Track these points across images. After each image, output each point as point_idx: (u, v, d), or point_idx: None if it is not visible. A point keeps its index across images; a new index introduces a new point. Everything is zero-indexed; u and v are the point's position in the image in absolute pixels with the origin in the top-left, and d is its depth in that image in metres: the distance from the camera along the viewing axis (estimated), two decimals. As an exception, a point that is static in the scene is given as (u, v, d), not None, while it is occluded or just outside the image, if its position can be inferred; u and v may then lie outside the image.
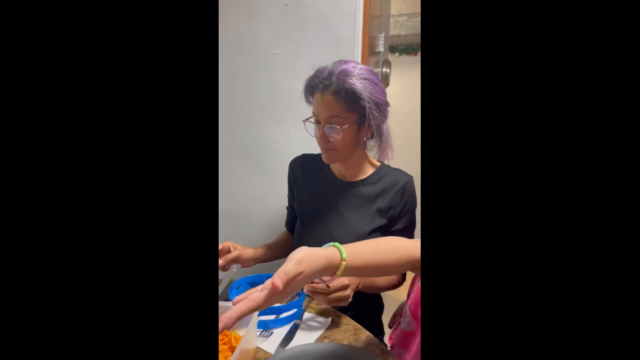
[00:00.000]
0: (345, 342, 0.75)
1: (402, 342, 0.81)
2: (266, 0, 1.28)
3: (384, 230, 0.99)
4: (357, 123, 0.91)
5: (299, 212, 1.07)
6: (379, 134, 0.97)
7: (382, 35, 1.58)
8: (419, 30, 2.75)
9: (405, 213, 1.00)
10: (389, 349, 0.84)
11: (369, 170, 1.02)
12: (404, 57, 2.97)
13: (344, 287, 0.82)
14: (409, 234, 1.03)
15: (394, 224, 1.00)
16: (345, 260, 0.54)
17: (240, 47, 1.33)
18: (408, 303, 0.81)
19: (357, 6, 1.21)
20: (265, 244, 1.12)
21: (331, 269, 0.54)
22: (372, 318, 1.06)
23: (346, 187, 1.01)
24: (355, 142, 0.95)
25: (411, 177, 1.02)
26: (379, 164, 1.04)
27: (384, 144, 0.99)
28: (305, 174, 1.07)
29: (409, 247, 0.60)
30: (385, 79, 1.72)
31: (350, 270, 0.56)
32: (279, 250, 1.13)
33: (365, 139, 0.98)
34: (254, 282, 1.01)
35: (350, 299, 0.82)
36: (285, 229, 1.19)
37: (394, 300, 1.16)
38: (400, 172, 1.03)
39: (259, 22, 1.30)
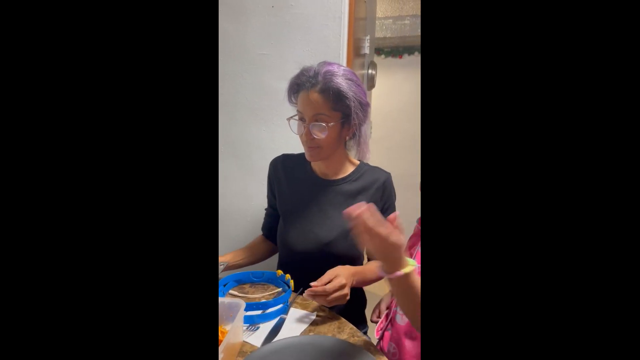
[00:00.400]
0: (329, 335, 0.77)
1: (393, 335, 0.84)
2: (253, 1, 1.30)
3: None
4: (341, 122, 0.94)
5: (281, 211, 1.08)
6: (360, 133, 1.00)
7: (368, 37, 1.61)
8: (404, 33, 2.79)
9: (387, 209, 1.03)
10: (376, 340, 0.86)
11: (350, 169, 1.05)
12: (390, 59, 3.02)
13: (342, 287, 0.83)
14: None
15: None
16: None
17: (227, 47, 1.34)
18: None
19: (343, 8, 1.23)
20: (243, 247, 1.13)
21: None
22: (356, 312, 1.09)
23: (328, 185, 1.03)
24: (338, 141, 0.97)
25: (389, 174, 1.05)
26: (358, 162, 1.07)
27: (363, 145, 1.02)
28: (287, 173, 1.09)
29: None
30: (371, 81, 1.75)
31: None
32: (256, 253, 1.13)
33: (347, 138, 1.00)
34: (240, 280, 1.02)
35: (348, 297, 0.84)
36: (260, 233, 1.19)
37: (375, 295, 1.19)
38: (378, 169, 1.06)
39: (246, 23, 1.32)
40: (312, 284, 0.83)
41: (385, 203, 1.03)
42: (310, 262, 0.98)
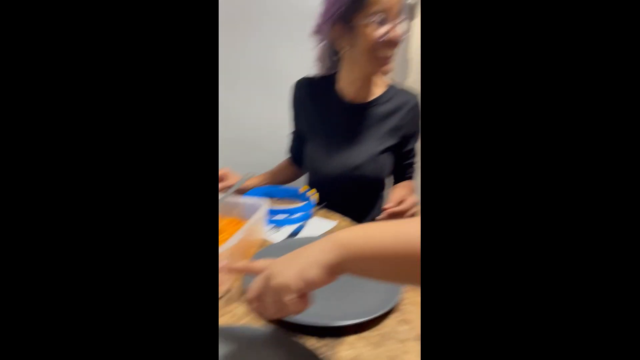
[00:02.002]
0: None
1: None
2: None
3: (395, 150, 1.01)
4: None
5: (308, 135, 1.07)
6: None
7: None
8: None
9: (413, 135, 1.02)
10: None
11: (379, 91, 1.02)
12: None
13: (414, 204, 0.87)
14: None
15: (405, 144, 1.02)
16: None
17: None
18: None
19: None
20: (266, 171, 1.16)
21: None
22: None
23: (357, 109, 1.01)
24: None
25: (417, 96, 1.02)
26: (387, 83, 1.04)
27: None
28: (313, 96, 1.06)
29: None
30: (411, 11, 1.65)
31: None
32: (280, 178, 1.16)
33: None
34: (267, 192, 1.05)
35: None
36: (289, 155, 1.19)
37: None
38: (407, 91, 1.03)
39: None
40: (386, 206, 0.85)
41: (412, 128, 1.01)
42: (337, 185, 1.00)
